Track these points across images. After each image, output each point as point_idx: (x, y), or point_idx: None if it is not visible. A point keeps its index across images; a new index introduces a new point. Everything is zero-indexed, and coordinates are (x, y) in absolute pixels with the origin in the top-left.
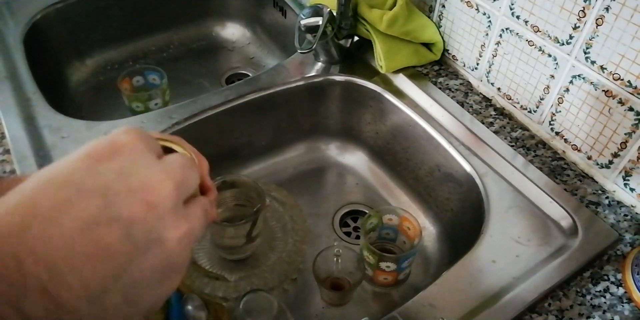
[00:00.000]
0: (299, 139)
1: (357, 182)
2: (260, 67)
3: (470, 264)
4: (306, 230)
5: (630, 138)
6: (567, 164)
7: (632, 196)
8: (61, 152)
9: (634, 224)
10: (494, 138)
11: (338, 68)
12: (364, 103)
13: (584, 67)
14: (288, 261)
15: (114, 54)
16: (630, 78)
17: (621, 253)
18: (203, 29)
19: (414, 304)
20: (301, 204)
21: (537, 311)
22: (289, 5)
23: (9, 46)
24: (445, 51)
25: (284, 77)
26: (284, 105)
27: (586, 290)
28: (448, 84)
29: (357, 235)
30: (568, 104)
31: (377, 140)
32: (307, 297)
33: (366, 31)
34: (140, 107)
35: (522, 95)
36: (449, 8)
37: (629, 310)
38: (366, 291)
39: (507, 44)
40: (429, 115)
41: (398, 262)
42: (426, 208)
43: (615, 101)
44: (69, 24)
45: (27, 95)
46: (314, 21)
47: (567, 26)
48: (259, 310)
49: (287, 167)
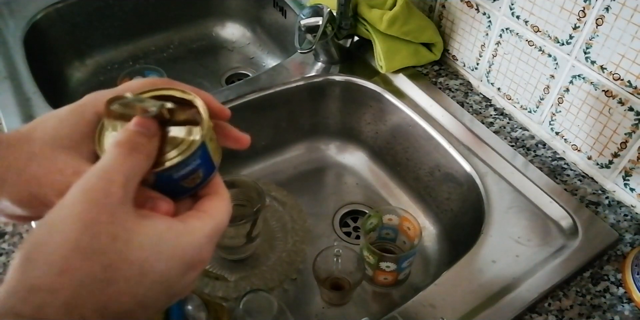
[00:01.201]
0: (299, 139)
1: (357, 182)
2: (260, 67)
3: (470, 264)
4: (306, 230)
5: (630, 138)
6: (567, 164)
7: (632, 196)
8: None
9: (634, 224)
10: (494, 138)
11: (338, 68)
12: (364, 103)
13: (584, 67)
14: (288, 261)
15: (114, 54)
16: (630, 78)
17: (621, 253)
18: (203, 29)
19: (414, 304)
20: (301, 204)
21: (537, 311)
22: (289, 5)
23: (9, 46)
24: (445, 51)
25: (284, 77)
26: (284, 105)
27: (586, 290)
28: (448, 84)
29: (357, 235)
30: (568, 104)
31: (377, 140)
32: (307, 297)
33: (366, 31)
34: None
35: (522, 95)
36: (449, 8)
37: (629, 310)
38: (366, 291)
39: (507, 44)
40: (429, 115)
41: (398, 262)
42: (426, 208)
43: (615, 101)
44: (69, 24)
45: (27, 95)
46: (314, 21)
47: (567, 26)
48: (259, 310)
49: (287, 167)
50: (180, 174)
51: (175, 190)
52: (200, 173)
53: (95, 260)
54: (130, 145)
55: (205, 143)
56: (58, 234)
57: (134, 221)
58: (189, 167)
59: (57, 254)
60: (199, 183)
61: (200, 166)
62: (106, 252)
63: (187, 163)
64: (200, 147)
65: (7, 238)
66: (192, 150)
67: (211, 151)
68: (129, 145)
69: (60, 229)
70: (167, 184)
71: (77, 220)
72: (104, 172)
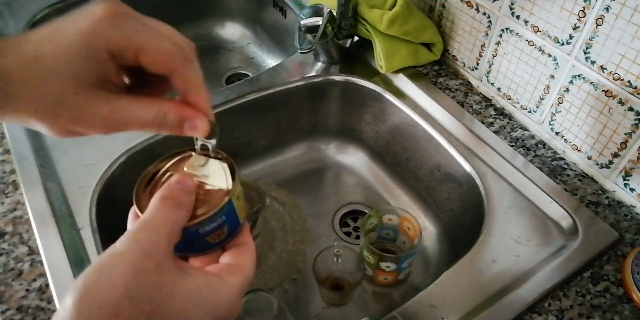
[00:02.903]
0: (299, 139)
1: (357, 182)
2: (260, 67)
3: (470, 264)
4: (306, 230)
5: (630, 138)
6: (567, 164)
7: (632, 196)
8: (61, 152)
9: (634, 224)
10: (494, 138)
11: (338, 68)
12: (364, 103)
13: (584, 67)
14: (288, 261)
15: None
16: (630, 78)
17: (621, 253)
18: (203, 29)
19: (414, 304)
20: (301, 204)
21: (537, 311)
22: (289, 5)
23: None
24: (445, 51)
25: (284, 77)
26: (284, 105)
27: (586, 290)
28: (448, 84)
29: (357, 235)
30: (568, 104)
31: (377, 140)
32: (307, 297)
33: (366, 31)
34: None
35: (522, 95)
36: (449, 8)
37: (629, 310)
38: (366, 291)
39: (507, 44)
40: (429, 115)
41: (398, 262)
42: (426, 208)
43: (615, 101)
44: None
45: None
46: (314, 21)
47: (567, 26)
48: (259, 310)
49: (287, 167)
50: (206, 229)
51: (201, 244)
52: (225, 229)
53: (141, 307)
54: (175, 202)
55: (231, 201)
56: (109, 279)
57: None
58: (214, 224)
59: (109, 299)
60: (223, 239)
61: (225, 223)
62: (151, 299)
63: (212, 220)
64: (227, 204)
65: (7, 238)
66: (218, 208)
67: (237, 208)
68: (174, 202)
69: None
70: (193, 238)
71: (128, 267)
72: (152, 225)
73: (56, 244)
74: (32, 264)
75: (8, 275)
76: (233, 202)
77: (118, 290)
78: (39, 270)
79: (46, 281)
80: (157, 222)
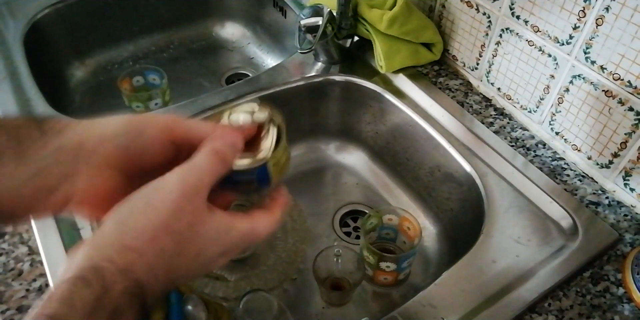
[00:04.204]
0: (299, 139)
1: (357, 182)
2: (260, 67)
3: (470, 264)
4: (306, 230)
5: (630, 138)
6: (567, 164)
7: (632, 196)
8: None
9: (634, 224)
10: (494, 138)
11: (338, 68)
12: (364, 103)
13: (584, 67)
14: (288, 261)
15: (114, 54)
16: (630, 78)
17: (621, 253)
18: (203, 29)
19: (414, 304)
20: (301, 204)
21: (537, 311)
22: (289, 5)
23: (9, 46)
24: (445, 51)
25: (284, 77)
26: (284, 105)
27: (586, 290)
28: (448, 84)
29: (357, 235)
30: (568, 104)
31: (377, 140)
32: (307, 297)
33: (366, 31)
34: (141, 107)
35: (522, 95)
36: (449, 8)
37: (629, 310)
38: (366, 291)
39: (507, 44)
40: (429, 115)
41: (398, 262)
42: (426, 208)
43: (615, 101)
44: (69, 24)
45: (27, 95)
46: (314, 21)
47: (567, 26)
48: (259, 310)
49: None
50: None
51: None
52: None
53: (173, 238)
54: (222, 157)
55: (267, 164)
56: (153, 210)
57: (206, 214)
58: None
59: (149, 227)
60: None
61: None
62: (182, 234)
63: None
64: (262, 165)
65: (7, 238)
66: (254, 166)
67: (271, 172)
68: (221, 156)
69: (156, 207)
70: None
71: (172, 206)
72: (199, 172)
73: (56, 244)
74: (32, 264)
75: (8, 275)
76: (268, 164)
77: (160, 221)
78: (39, 271)
79: (46, 281)
80: (204, 172)
